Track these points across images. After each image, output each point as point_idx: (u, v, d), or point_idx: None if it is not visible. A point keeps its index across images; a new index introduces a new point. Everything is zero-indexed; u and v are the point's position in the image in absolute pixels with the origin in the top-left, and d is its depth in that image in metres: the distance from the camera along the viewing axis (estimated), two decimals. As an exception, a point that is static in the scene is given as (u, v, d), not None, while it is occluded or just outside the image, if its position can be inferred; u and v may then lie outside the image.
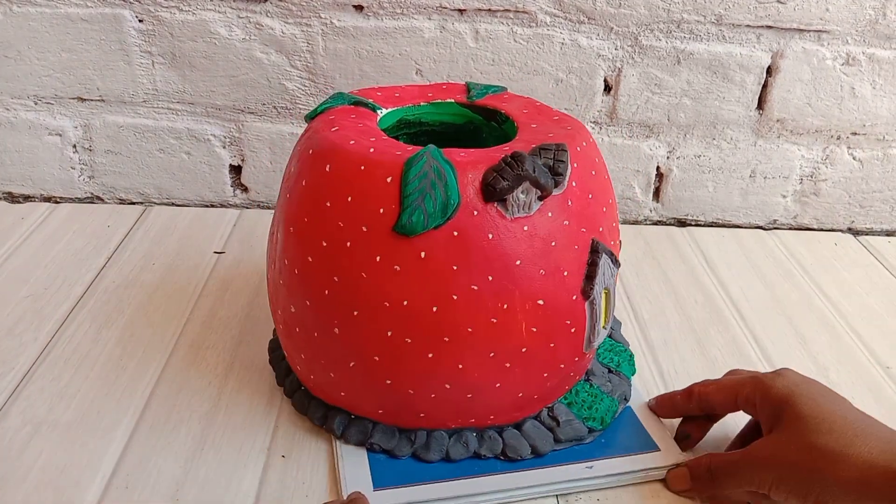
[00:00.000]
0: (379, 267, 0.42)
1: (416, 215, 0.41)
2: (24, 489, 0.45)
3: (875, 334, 0.64)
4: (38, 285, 0.64)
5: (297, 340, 0.48)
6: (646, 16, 0.70)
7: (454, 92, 0.55)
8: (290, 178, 0.47)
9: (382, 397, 0.47)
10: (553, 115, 0.52)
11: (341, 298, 0.44)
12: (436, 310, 0.43)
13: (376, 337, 0.44)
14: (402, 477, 0.46)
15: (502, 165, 0.42)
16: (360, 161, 0.43)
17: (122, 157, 0.77)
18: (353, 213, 0.43)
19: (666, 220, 0.82)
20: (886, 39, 0.72)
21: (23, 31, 0.71)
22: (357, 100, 0.50)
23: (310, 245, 0.44)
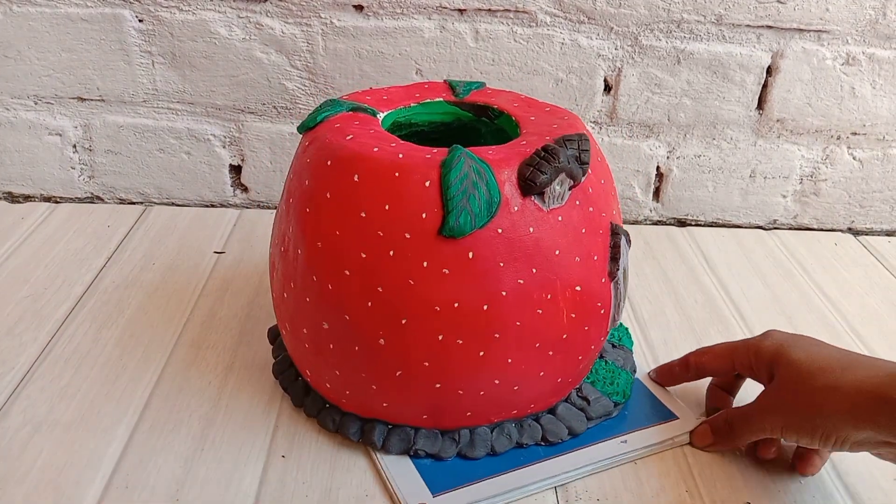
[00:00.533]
0: (427, 272, 0.42)
1: (463, 217, 0.41)
2: (24, 489, 0.45)
3: (875, 334, 0.64)
4: (38, 285, 0.64)
5: (332, 357, 0.46)
6: (646, 16, 0.70)
7: (438, 91, 0.54)
8: (304, 192, 0.45)
9: (429, 402, 0.46)
10: (544, 106, 0.52)
11: (387, 308, 0.43)
12: (486, 308, 0.43)
13: (426, 342, 0.44)
14: (453, 478, 0.46)
15: (538, 159, 0.43)
16: (393, 167, 0.42)
17: (122, 157, 0.77)
18: (393, 221, 0.42)
19: (666, 220, 0.82)
20: (886, 39, 0.72)
21: (23, 31, 0.71)
22: (356, 105, 0.50)
23: (346, 259, 0.43)
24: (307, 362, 0.49)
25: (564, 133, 0.46)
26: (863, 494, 0.48)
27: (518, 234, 0.43)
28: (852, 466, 0.50)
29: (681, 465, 0.49)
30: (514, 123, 0.50)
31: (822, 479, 0.49)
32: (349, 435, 0.48)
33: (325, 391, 0.49)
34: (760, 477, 0.49)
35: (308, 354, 0.48)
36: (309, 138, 0.47)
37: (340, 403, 0.49)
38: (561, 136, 0.45)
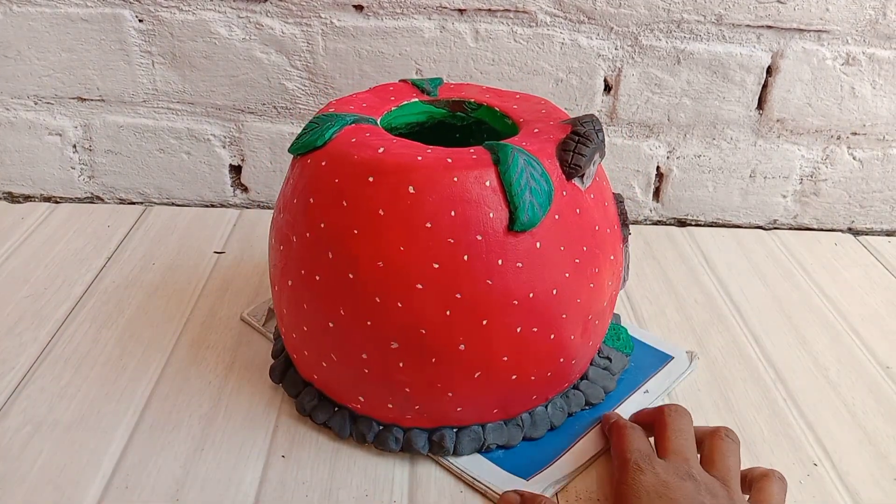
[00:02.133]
0: (503, 269, 0.43)
1: (531, 210, 0.43)
2: (24, 489, 0.45)
3: (875, 334, 0.64)
4: (38, 285, 0.64)
5: (402, 375, 0.45)
6: (646, 16, 0.70)
7: (406, 91, 0.54)
8: (343, 215, 0.43)
9: (503, 395, 0.47)
10: (515, 95, 0.54)
11: (467, 313, 0.43)
12: (555, 292, 0.45)
13: (506, 338, 0.44)
14: (532, 461, 0.48)
15: (574, 144, 0.45)
16: (449, 173, 0.42)
17: (122, 157, 0.77)
18: (462, 226, 0.42)
19: (666, 220, 0.82)
20: (886, 39, 0.72)
21: (23, 31, 0.71)
22: (358, 118, 0.48)
23: (416, 272, 0.42)
24: (360, 390, 0.47)
25: (556, 117, 0.49)
26: (863, 494, 0.48)
27: (569, 217, 0.45)
28: (852, 466, 0.50)
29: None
30: (499, 114, 0.52)
31: (822, 479, 0.49)
32: (418, 449, 0.47)
33: (388, 410, 0.47)
34: (760, 477, 0.49)
35: (365, 382, 0.46)
36: (323, 158, 0.45)
37: (405, 419, 0.48)
38: (576, 119, 0.47)
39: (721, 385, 0.57)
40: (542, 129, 0.48)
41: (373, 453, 0.49)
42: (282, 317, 0.50)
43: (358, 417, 0.49)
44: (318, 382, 0.50)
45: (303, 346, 0.48)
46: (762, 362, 0.60)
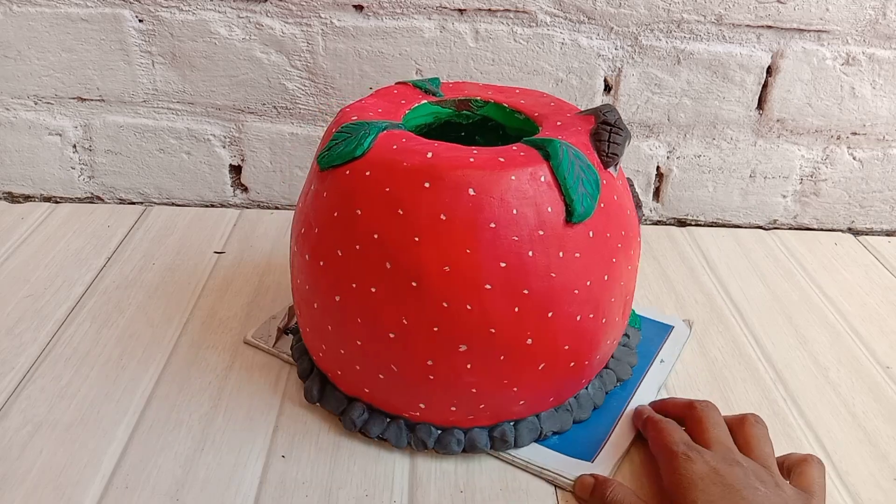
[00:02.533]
0: (564, 261, 0.44)
1: (585, 201, 0.44)
2: (24, 489, 0.45)
3: (875, 334, 0.64)
4: (38, 285, 0.64)
5: (470, 377, 0.45)
6: (646, 16, 0.70)
7: (410, 93, 0.54)
8: (399, 223, 0.42)
9: (560, 383, 0.48)
10: (515, 90, 0.55)
11: (535, 307, 0.44)
12: (606, 278, 0.46)
13: (568, 328, 0.45)
14: (587, 442, 0.50)
15: (608, 134, 0.47)
16: (506, 172, 0.42)
17: (122, 157, 0.77)
18: (524, 223, 0.43)
19: (666, 220, 0.82)
20: (886, 39, 0.72)
21: (23, 31, 0.71)
22: (389, 124, 0.47)
23: (485, 273, 0.42)
24: (422, 397, 0.47)
25: (568, 109, 0.51)
26: (863, 494, 0.48)
27: (610, 205, 0.46)
28: (852, 467, 0.50)
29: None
30: (508, 109, 0.53)
31: (822, 479, 0.49)
32: (481, 447, 0.48)
33: (442, 420, 0.48)
34: (760, 477, 0.49)
35: (428, 388, 0.46)
36: (366, 167, 0.44)
37: (467, 419, 0.48)
38: (596, 109, 0.49)
39: (721, 385, 0.57)
40: (565, 122, 0.49)
41: (372, 453, 0.49)
42: (323, 334, 0.48)
43: (416, 425, 0.49)
44: (368, 396, 0.49)
45: (354, 361, 0.47)
46: (762, 362, 0.60)
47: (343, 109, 0.50)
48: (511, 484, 0.47)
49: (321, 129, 0.76)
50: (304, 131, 0.76)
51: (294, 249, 0.49)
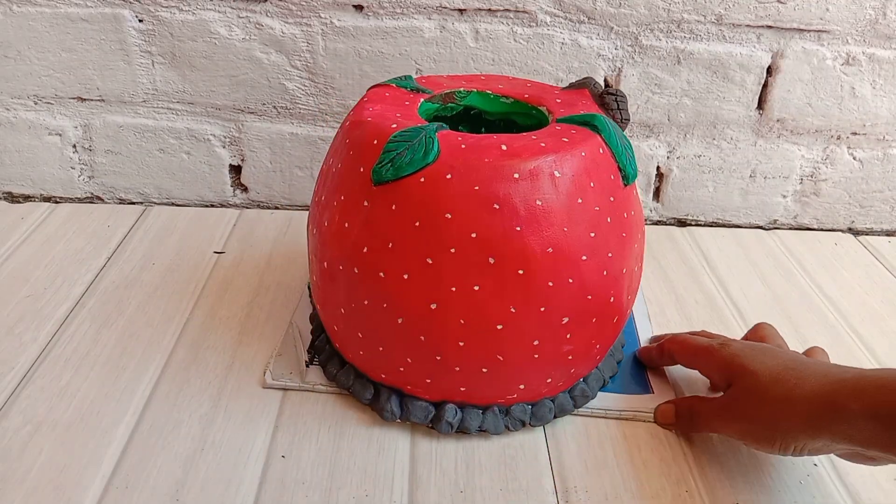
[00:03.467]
0: (628, 221, 0.48)
1: (632, 165, 0.49)
2: (24, 489, 0.45)
3: (875, 334, 0.64)
4: (38, 285, 0.64)
5: (570, 345, 0.48)
6: (646, 16, 0.70)
7: (401, 94, 0.53)
8: (501, 216, 0.43)
9: (617, 332, 0.52)
10: (480, 76, 0.57)
11: (614, 268, 0.47)
12: (642, 232, 0.50)
13: (631, 281, 0.49)
14: (635, 380, 0.56)
15: (615, 101, 0.51)
16: (577, 150, 0.45)
17: (122, 157, 0.77)
18: (600, 193, 0.46)
19: (666, 220, 0.82)
20: (886, 39, 0.72)
21: (23, 31, 0.71)
22: (438, 125, 0.46)
23: (581, 247, 0.45)
24: (524, 378, 0.48)
25: (551, 88, 0.55)
26: (863, 494, 0.48)
27: None
28: (852, 467, 0.50)
29: (681, 465, 0.49)
30: (493, 96, 0.55)
31: (822, 478, 0.49)
32: (568, 410, 0.52)
33: (535, 396, 0.50)
34: (761, 477, 0.49)
35: (532, 369, 0.48)
36: (446, 170, 0.43)
37: (554, 390, 0.51)
38: (583, 82, 0.54)
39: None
40: (566, 99, 0.52)
41: (372, 453, 0.49)
42: (410, 348, 0.47)
43: (509, 408, 0.50)
44: (461, 395, 0.49)
45: (451, 365, 0.47)
46: (762, 362, 0.60)
47: (353, 120, 0.48)
48: (511, 484, 0.47)
49: (321, 129, 0.76)
50: (304, 131, 0.76)
51: (351, 272, 0.46)
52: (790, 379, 0.44)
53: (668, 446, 0.51)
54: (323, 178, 0.50)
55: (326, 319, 0.52)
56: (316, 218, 0.50)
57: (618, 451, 0.50)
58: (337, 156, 0.49)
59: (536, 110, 0.53)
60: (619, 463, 0.49)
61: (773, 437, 0.43)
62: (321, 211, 0.49)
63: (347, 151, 0.47)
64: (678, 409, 0.51)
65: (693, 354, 0.52)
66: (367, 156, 0.46)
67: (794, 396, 0.42)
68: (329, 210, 0.48)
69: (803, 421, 0.42)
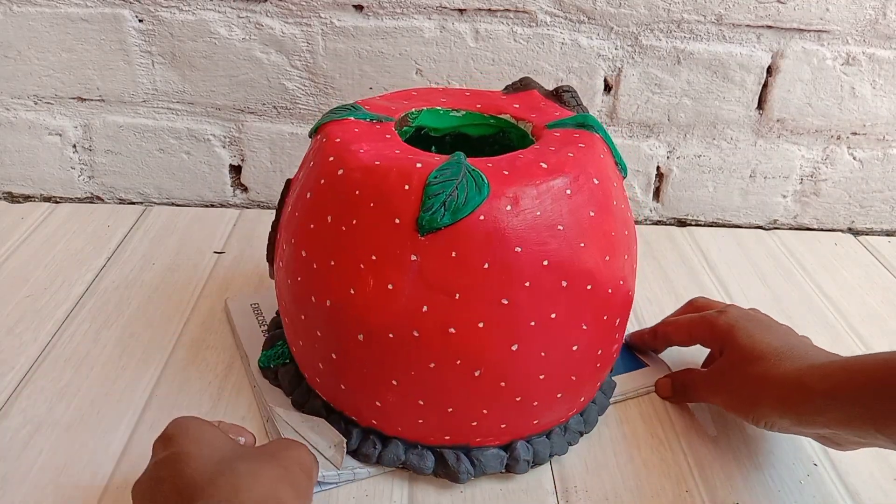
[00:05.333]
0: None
1: (622, 160, 0.50)
2: (24, 489, 0.45)
3: (875, 334, 0.64)
4: (38, 285, 0.64)
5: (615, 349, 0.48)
6: (646, 16, 0.70)
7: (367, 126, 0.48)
8: (568, 234, 0.42)
9: None
10: (413, 92, 0.55)
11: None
12: None
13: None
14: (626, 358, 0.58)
15: (572, 98, 0.52)
16: (596, 152, 0.46)
17: (122, 157, 0.77)
18: (618, 187, 0.47)
19: (666, 220, 0.82)
20: (886, 39, 0.72)
21: (23, 31, 0.71)
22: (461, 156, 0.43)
23: (610, 245, 0.45)
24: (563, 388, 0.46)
25: (495, 95, 0.54)
26: (863, 494, 0.48)
27: None
28: (852, 467, 0.50)
29: (681, 465, 0.49)
30: (442, 111, 0.53)
31: (822, 479, 0.49)
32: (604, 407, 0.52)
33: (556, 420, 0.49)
34: (760, 477, 0.49)
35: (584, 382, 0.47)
36: (504, 202, 0.41)
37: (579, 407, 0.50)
38: (524, 83, 0.54)
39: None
40: (525, 104, 0.52)
41: (373, 453, 0.49)
42: (493, 394, 0.44)
43: (567, 425, 0.50)
44: (533, 429, 0.47)
45: (532, 398, 0.45)
46: (762, 362, 0.60)
47: (353, 166, 0.43)
48: (511, 484, 0.47)
49: (321, 129, 0.76)
50: (304, 131, 0.76)
51: (409, 337, 0.42)
52: (771, 358, 0.46)
53: (668, 446, 0.51)
54: (314, 240, 0.44)
55: (356, 400, 0.46)
56: (325, 288, 0.43)
57: (618, 451, 0.50)
58: (341, 211, 0.43)
59: (495, 119, 0.52)
60: (619, 463, 0.49)
61: (748, 411, 0.47)
62: (336, 278, 0.42)
63: (366, 204, 0.42)
64: (674, 382, 0.54)
65: (690, 325, 0.54)
66: (401, 204, 0.41)
67: (770, 376, 0.45)
68: (353, 275, 0.42)
69: (774, 399, 0.45)
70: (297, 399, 0.50)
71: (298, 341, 0.48)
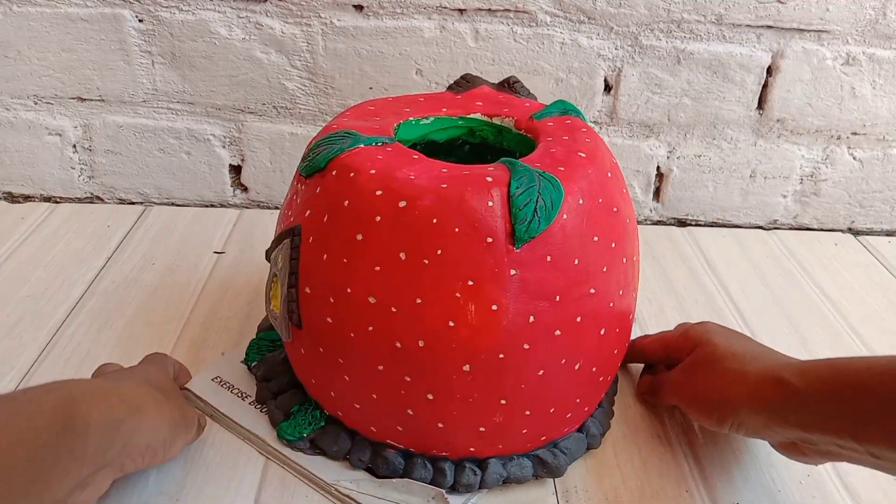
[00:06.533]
0: None
1: None
2: (24, 489, 0.45)
3: (875, 334, 0.64)
4: (38, 285, 0.64)
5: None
6: (646, 15, 0.70)
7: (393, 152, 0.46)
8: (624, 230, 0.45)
9: None
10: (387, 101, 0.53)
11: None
12: None
13: None
14: None
15: (526, 91, 0.54)
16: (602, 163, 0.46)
17: (122, 157, 0.77)
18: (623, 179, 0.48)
19: (666, 220, 0.82)
20: (886, 39, 0.72)
21: (23, 31, 0.71)
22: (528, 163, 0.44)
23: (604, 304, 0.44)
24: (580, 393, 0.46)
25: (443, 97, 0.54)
26: (863, 494, 0.48)
27: None
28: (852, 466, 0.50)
29: (681, 465, 0.49)
30: (413, 122, 0.51)
31: (822, 479, 0.49)
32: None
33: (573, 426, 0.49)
34: (760, 478, 0.49)
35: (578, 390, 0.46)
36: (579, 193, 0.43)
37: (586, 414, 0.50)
38: (466, 80, 0.55)
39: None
40: (488, 100, 0.52)
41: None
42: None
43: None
44: None
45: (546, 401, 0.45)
46: (762, 362, 0.60)
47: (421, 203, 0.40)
48: (511, 484, 0.47)
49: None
50: (304, 131, 0.76)
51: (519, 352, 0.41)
52: (746, 356, 0.45)
53: (669, 446, 0.51)
54: (386, 282, 0.41)
55: (455, 435, 0.44)
56: (413, 329, 0.41)
57: (618, 451, 0.50)
58: (418, 244, 0.40)
59: (464, 119, 0.52)
60: (620, 463, 0.49)
61: (713, 408, 0.44)
62: (428, 316, 0.40)
63: (449, 230, 0.40)
64: (651, 380, 0.54)
65: (663, 341, 0.53)
66: (490, 222, 0.40)
67: (744, 371, 0.43)
68: (449, 307, 0.40)
69: (748, 391, 0.42)
70: (358, 460, 0.46)
71: (361, 398, 0.44)
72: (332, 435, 0.47)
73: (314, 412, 0.48)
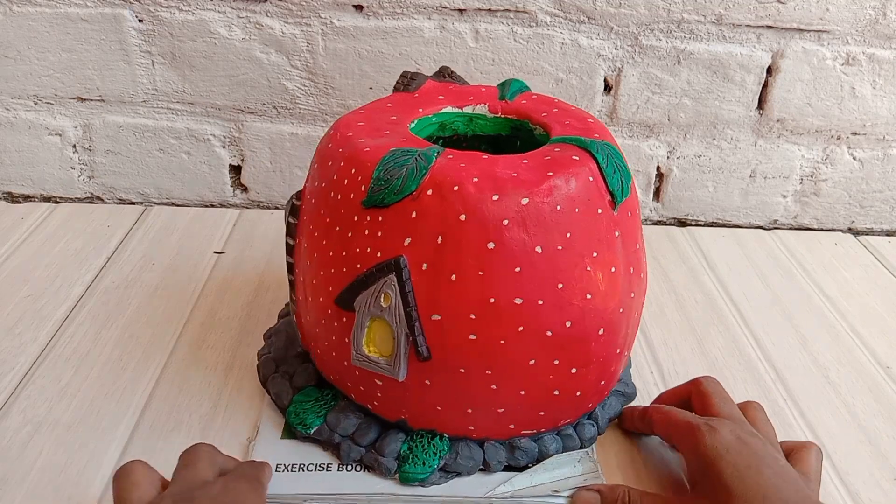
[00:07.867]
0: None
1: None
2: (24, 489, 0.45)
3: (875, 334, 0.64)
4: (38, 285, 0.64)
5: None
6: (646, 16, 0.70)
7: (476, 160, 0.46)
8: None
9: None
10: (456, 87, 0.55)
11: None
12: None
13: None
14: None
15: (461, 78, 0.55)
16: None
17: (122, 157, 0.77)
18: None
19: (666, 220, 0.82)
20: (886, 39, 0.72)
21: (23, 31, 0.71)
22: None
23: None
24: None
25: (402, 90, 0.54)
26: (863, 494, 0.48)
27: None
28: (852, 466, 0.50)
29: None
30: None
31: (822, 478, 0.49)
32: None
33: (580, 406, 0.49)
34: (760, 477, 0.49)
35: None
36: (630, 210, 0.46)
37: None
38: (411, 77, 0.54)
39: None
40: (451, 93, 0.53)
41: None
42: None
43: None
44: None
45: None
46: (762, 362, 0.60)
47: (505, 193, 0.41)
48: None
49: (321, 129, 0.76)
50: (304, 131, 0.76)
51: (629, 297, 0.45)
52: (756, 499, 0.39)
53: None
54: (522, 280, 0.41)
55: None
56: (560, 315, 0.42)
57: (618, 452, 0.50)
58: (551, 236, 0.41)
59: (437, 116, 0.51)
60: (620, 463, 0.49)
61: None
62: (571, 297, 0.42)
63: (573, 213, 0.42)
64: (606, 497, 0.45)
65: (673, 429, 0.46)
66: (598, 198, 0.43)
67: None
68: (587, 282, 0.42)
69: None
70: (496, 463, 0.46)
71: (507, 400, 0.44)
72: (464, 452, 0.46)
73: (434, 441, 0.46)
